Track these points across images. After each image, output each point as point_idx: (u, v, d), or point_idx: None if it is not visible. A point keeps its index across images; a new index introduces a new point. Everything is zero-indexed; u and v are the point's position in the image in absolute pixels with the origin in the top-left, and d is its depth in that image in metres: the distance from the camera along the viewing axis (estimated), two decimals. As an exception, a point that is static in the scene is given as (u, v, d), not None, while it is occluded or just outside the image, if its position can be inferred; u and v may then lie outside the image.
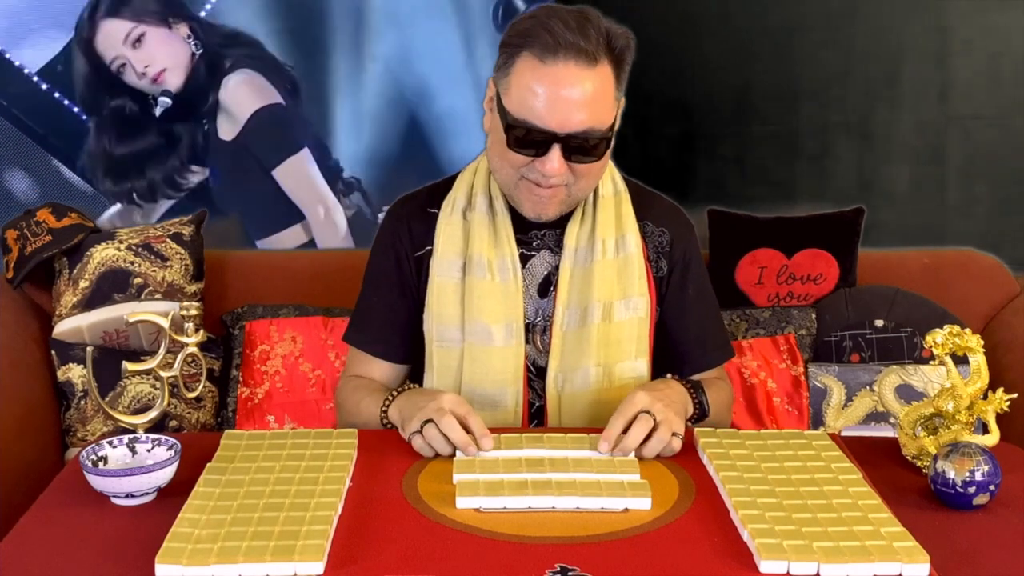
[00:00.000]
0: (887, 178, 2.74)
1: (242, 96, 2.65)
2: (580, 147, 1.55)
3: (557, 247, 1.71)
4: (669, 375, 1.69)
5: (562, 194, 1.62)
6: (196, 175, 2.60)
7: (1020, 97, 2.68)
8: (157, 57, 2.60)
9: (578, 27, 1.51)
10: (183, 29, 2.61)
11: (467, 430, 1.46)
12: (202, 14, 2.62)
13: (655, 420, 1.47)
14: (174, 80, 2.63)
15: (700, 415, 1.64)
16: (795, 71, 2.67)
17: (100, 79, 2.63)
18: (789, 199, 2.70)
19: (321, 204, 2.71)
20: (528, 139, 1.55)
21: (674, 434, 1.48)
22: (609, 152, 1.64)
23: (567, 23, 1.51)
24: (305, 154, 2.69)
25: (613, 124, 1.59)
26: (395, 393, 1.62)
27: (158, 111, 2.64)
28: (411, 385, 1.67)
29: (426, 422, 1.47)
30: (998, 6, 2.63)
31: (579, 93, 1.52)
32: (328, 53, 2.69)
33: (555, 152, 1.55)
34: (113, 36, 2.59)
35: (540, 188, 1.60)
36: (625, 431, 1.47)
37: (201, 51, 2.60)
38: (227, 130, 2.68)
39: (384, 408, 1.61)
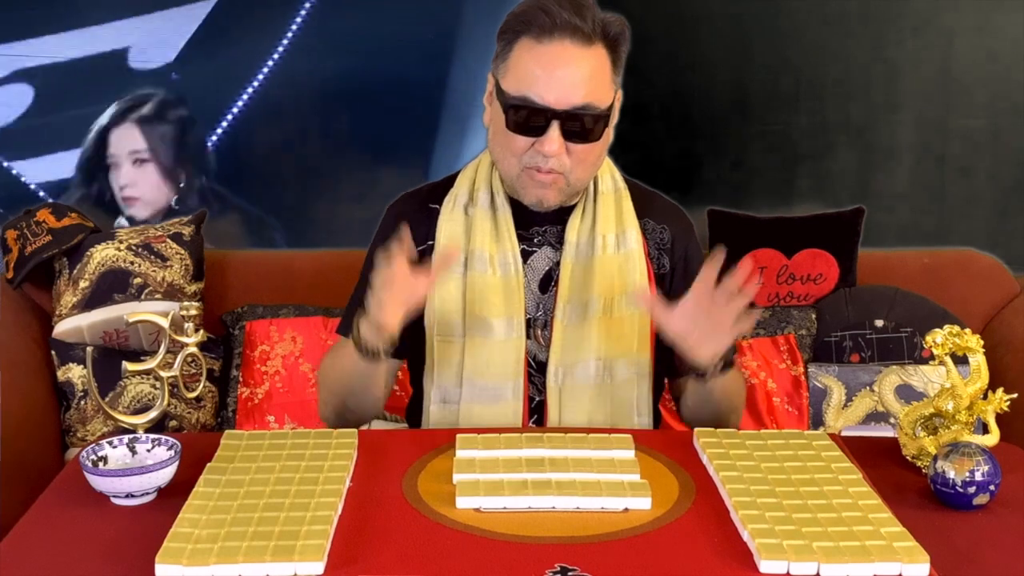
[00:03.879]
0: (887, 178, 2.73)
1: None
2: (578, 126, 1.58)
3: (558, 243, 1.72)
4: None
5: (561, 182, 1.63)
6: None
7: (1020, 97, 2.68)
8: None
9: (574, 9, 1.57)
10: None
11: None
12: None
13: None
14: None
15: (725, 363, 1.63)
16: (795, 71, 2.67)
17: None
18: (789, 199, 2.70)
19: None
20: (527, 118, 1.58)
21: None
22: (606, 141, 1.66)
23: (562, 4, 1.57)
24: None
25: (611, 107, 1.62)
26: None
27: None
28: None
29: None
30: (998, 6, 2.63)
31: (576, 70, 1.57)
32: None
33: (554, 130, 1.57)
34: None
35: (540, 173, 1.62)
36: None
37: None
38: None
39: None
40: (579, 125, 1.58)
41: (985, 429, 1.48)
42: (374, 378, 1.66)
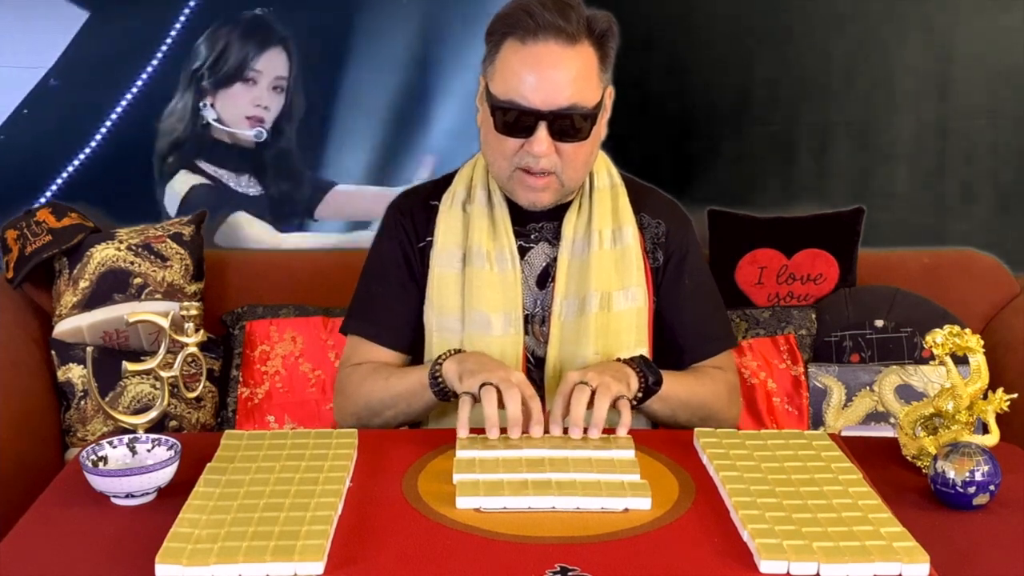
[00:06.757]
0: (887, 178, 2.73)
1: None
2: (565, 126, 1.59)
3: (555, 239, 1.73)
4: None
5: (554, 183, 1.65)
6: None
7: (1020, 97, 2.68)
8: None
9: (557, 9, 1.57)
10: None
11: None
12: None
13: (591, 388, 1.48)
14: None
15: (649, 387, 1.61)
16: (795, 71, 2.67)
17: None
18: (789, 199, 2.69)
19: None
20: (515, 120, 1.59)
21: (620, 398, 1.50)
22: (597, 138, 1.67)
23: (546, 5, 1.57)
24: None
25: (599, 105, 1.63)
26: (451, 352, 1.63)
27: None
28: (460, 349, 1.67)
29: (486, 385, 1.48)
30: (998, 6, 2.63)
31: (561, 71, 1.57)
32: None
33: (542, 131, 1.59)
34: None
35: (533, 177, 1.63)
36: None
37: None
38: None
39: (439, 362, 1.60)
40: (567, 125, 1.59)
41: (985, 429, 1.48)
42: (432, 406, 1.68)
